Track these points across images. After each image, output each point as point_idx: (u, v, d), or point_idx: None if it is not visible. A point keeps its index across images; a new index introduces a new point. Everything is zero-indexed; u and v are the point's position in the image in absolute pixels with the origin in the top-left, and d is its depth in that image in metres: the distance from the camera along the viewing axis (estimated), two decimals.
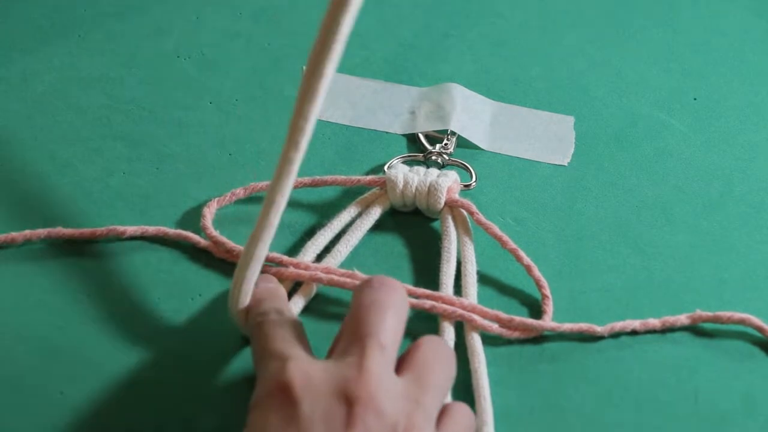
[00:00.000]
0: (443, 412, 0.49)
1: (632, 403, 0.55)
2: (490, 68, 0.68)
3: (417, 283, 0.57)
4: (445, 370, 0.50)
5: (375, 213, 0.60)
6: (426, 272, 0.59)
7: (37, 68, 0.66)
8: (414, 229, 0.61)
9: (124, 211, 0.60)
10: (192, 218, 0.60)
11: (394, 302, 0.50)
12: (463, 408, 0.50)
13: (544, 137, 0.65)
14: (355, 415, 0.46)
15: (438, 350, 0.50)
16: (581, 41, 0.70)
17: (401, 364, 0.49)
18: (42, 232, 0.58)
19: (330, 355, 0.50)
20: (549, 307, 0.57)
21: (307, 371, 0.47)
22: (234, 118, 0.65)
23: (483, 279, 0.58)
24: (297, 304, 0.56)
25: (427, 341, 0.50)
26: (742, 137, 0.66)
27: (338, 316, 0.57)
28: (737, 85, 0.68)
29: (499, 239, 0.58)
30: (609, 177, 0.63)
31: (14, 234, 0.58)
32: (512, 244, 0.58)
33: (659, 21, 0.71)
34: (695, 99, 0.67)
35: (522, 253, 0.58)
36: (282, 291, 0.55)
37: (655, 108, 0.67)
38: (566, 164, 0.64)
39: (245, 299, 0.53)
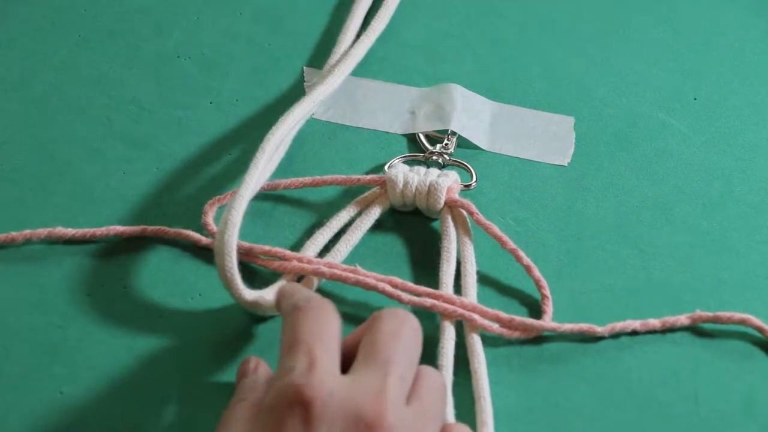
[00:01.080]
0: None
1: (632, 403, 0.55)
2: (490, 68, 0.68)
3: (417, 283, 0.57)
4: (443, 401, 0.51)
5: (375, 212, 0.60)
6: (426, 272, 0.59)
7: (37, 68, 0.66)
8: (414, 229, 0.60)
9: (124, 211, 0.60)
10: (192, 218, 0.60)
11: (414, 337, 0.51)
12: (462, 429, 0.51)
13: (544, 137, 0.65)
14: None
15: (438, 382, 0.51)
16: (581, 41, 0.70)
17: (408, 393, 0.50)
18: (42, 232, 0.58)
19: (343, 362, 0.51)
20: (549, 308, 0.57)
21: (331, 387, 0.47)
22: (234, 118, 0.64)
23: (483, 279, 0.58)
24: None
25: (429, 373, 0.51)
26: (742, 137, 0.65)
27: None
28: (737, 85, 0.68)
29: (499, 239, 0.58)
30: (609, 177, 0.63)
31: (14, 234, 0.58)
32: (512, 245, 0.58)
33: (659, 21, 0.71)
34: (695, 99, 0.67)
35: (522, 254, 0.58)
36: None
37: (655, 108, 0.66)
38: (566, 164, 0.64)
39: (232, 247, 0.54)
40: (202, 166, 0.62)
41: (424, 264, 0.59)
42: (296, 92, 0.66)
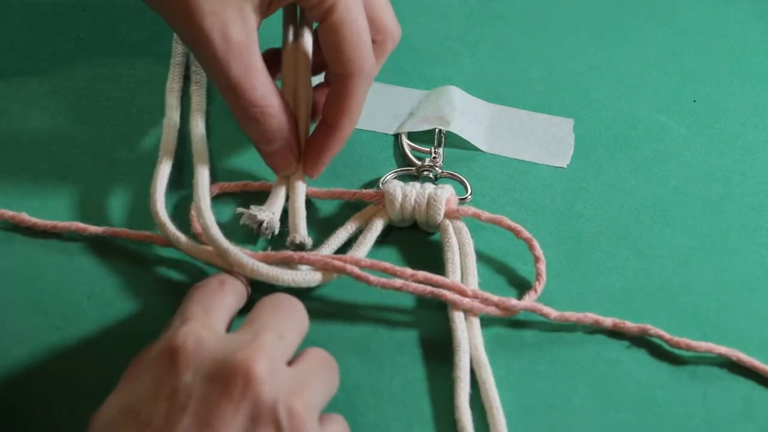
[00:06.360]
0: (323, 418, 0.50)
1: (631, 405, 0.55)
2: (490, 70, 0.68)
3: None
4: (329, 378, 0.51)
5: (376, 229, 0.59)
6: None
7: (37, 68, 0.66)
8: (412, 244, 0.60)
9: (123, 212, 0.60)
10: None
11: (294, 310, 0.51)
12: (343, 423, 0.51)
13: (543, 139, 0.65)
14: (235, 386, 0.46)
15: (326, 359, 0.51)
16: (581, 43, 0.70)
17: (291, 363, 0.50)
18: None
19: None
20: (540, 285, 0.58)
21: (200, 337, 0.48)
22: (233, 119, 0.64)
23: (484, 288, 0.58)
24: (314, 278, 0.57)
25: (318, 352, 0.51)
26: (741, 139, 0.66)
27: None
28: (737, 86, 0.68)
29: (513, 230, 0.59)
30: (608, 179, 0.63)
31: None
32: (527, 234, 0.59)
33: (659, 23, 0.72)
34: (695, 101, 0.67)
35: (536, 243, 0.58)
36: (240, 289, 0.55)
37: (654, 110, 0.67)
38: (566, 166, 0.64)
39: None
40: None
41: None
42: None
